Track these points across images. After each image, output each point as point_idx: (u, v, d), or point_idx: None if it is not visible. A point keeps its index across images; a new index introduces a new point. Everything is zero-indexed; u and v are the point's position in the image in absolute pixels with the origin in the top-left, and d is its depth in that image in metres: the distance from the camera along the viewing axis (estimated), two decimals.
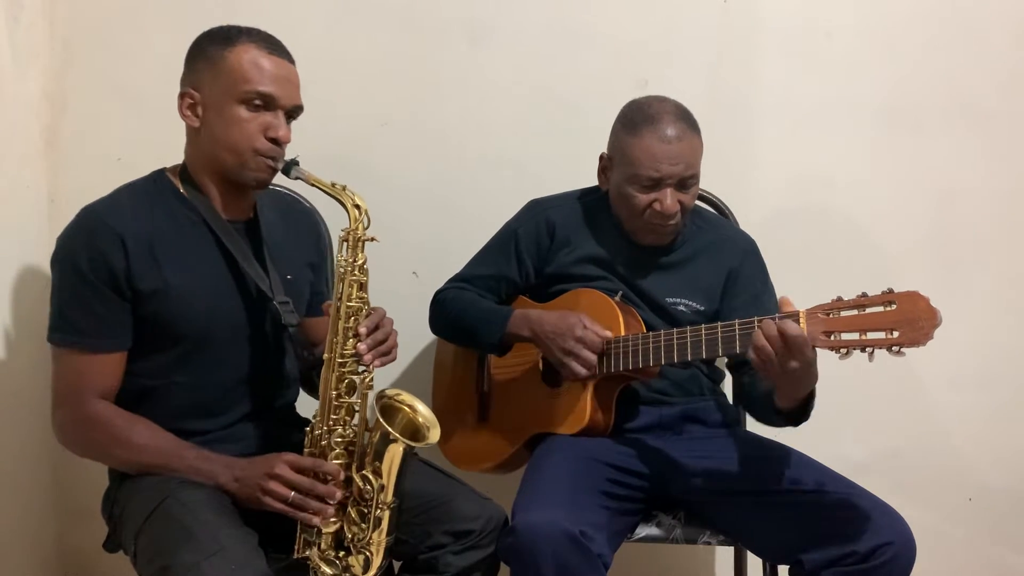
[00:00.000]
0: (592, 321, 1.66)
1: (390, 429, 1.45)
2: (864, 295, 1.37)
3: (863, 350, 1.36)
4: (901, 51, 2.12)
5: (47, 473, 2.06)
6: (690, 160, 1.67)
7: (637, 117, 1.69)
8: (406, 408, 1.52)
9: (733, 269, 1.80)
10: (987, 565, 2.21)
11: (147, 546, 1.39)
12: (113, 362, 1.48)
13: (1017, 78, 2.11)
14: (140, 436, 1.47)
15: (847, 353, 1.38)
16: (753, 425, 1.84)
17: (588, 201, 1.83)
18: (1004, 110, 2.12)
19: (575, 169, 1.89)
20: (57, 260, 1.48)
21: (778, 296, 1.80)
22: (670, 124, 1.66)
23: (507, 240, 1.85)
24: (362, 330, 1.46)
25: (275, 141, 1.49)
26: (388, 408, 1.50)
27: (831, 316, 1.39)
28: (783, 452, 1.67)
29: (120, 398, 1.50)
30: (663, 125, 1.66)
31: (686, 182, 1.68)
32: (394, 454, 1.45)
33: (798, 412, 1.55)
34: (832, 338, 1.38)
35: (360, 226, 1.49)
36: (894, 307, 1.33)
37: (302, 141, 1.63)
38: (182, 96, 1.51)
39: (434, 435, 1.50)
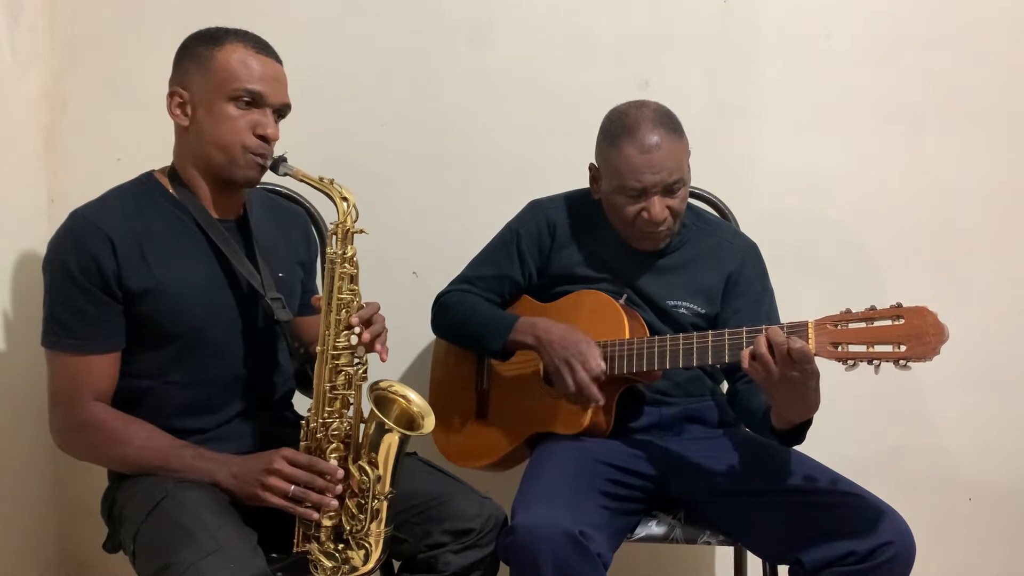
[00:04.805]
0: (598, 351, 1.65)
1: (385, 419, 1.45)
2: (873, 308, 1.39)
3: (870, 362, 1.37)
4: (901, 51, 2.11)
5: (47, 473, 2.06)
6: (672, 166, 1.65)
7: (615, 128, 1.68)
8: (400, 398, 1.53)
9: (733, 272, 1.79)
10: (987, 565, 2.21)
11: (146, 546, 1.39)
12: (107, 363, 1.48)
13: (1017, 78, 2.11)
14: (137, 437, 1.47)
15: (853, 365, 1.39)
16: None
17: (588, 202, 1.83)
18: (1004, 110, 2.12)
19: (575, 169, 1.88)
20: (48, 264, 1.49)
21: (778, 300, 1.81)
22: (648, 132, 1.64)
23: (509, 240, 1.85)
24: (354, 320, 1.47)
25: (264, 139, 1.49)
26: (382, 399, 1.50)
27: (839, 328, 1.41)
28: (783, 452, 1.67)
29: (116, 399, 1.50)
30: (641, 134, 1.64)
31: (672, 187, 1.67)
32: (390, 444, 1.46)
33: (791, 435, 1.55)
34: (839, 349, 1.40)
35: (349, 218, 1.50)
36: (902, 321, 1.35)
37: (302, 141, 1.64)
38: (171, 95, 1.52)
39: (429, 423, 1.51)
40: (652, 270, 1.78)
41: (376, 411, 1.45)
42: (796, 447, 1.67)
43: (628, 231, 1.74)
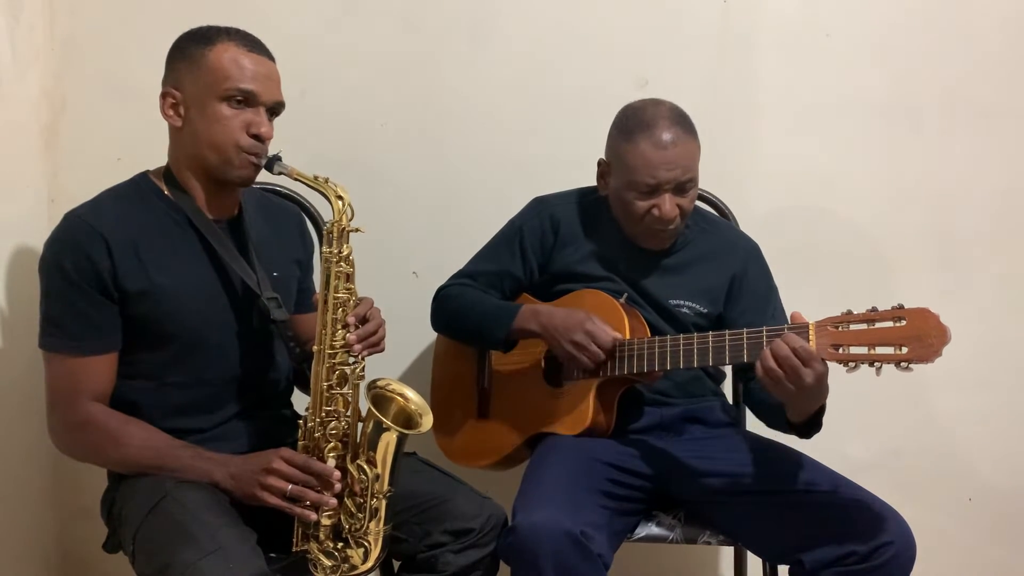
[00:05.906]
0: (602, 320, 1.66)
1: (383, 418, 1.45)
2: (874, 309, 1.38)
3: (871, 364, 1.37)
4: (901, 51, 2.11)
5: (47, 473, 2.06)
6: (687, 164, 1.66)
7: (632, 123, 1.68)
8: (397, 397, 1.53)
9: (737, 273, 1.79)
10: (987, 565, 2.21)
11: (146, 545, 1.39)
12: (104, 364, 1.48)
13: (1017, 78, 2.11)
14: (134, 437, 1.47)
15: (855, 367, 1.39)
16: (753, 425, 1.84)
17: (591, 200, 1.83)
18: (1003, 110, 2.12)
19: (575, 169, 1.89)
20: (43, 265, 1.48)
21: (783, 302, 1.81)
22: (665, 129, 1.65)
23: (512, 236, 1.85)
24: (351, 319, 1.47)
25: (258, 138, 1.49)
26: (379, 398, 1.50)
27: (840, 329, 1.40)
28: (783, 452, 1.67)
29: (114, 400, 1.50)
30: (658, 131, 1.65)
31: (684, 186, 1.67)
32: (388, 443, 1.46)
33: (808, 425, 1.56)
34: (840, 351, 1.40)
35: (344, 217, 1.50)
36: (904, 323, 1.35)
37: (302, 141, 1.63)
38: (164, 96, 1.52)
39: (427, 422, 1.51)
40: (655, 269, 1.77)
41: (374, 410, 1.45)
42: (797, 447, 1.68)
43: (635, 228, 1.73)
